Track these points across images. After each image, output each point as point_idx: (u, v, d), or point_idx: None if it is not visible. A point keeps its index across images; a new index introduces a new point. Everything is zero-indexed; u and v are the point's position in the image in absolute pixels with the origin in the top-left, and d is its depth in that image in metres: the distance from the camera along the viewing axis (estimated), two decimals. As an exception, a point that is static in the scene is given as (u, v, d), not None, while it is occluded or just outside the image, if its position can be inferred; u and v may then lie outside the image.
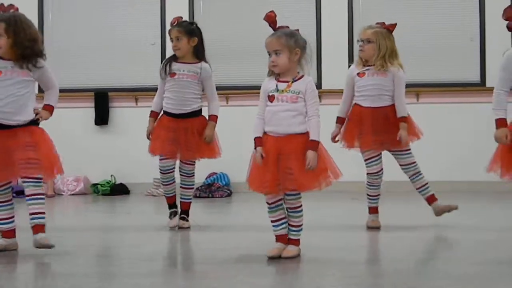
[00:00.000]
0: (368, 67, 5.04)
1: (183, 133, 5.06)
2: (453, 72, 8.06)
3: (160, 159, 5.14)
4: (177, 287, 3.40)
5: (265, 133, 3.91)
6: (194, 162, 5.20)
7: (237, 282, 3.41)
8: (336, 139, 5.14)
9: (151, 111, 5.20)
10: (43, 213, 4.05)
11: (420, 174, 5.13)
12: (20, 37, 4.08)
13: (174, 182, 5.22)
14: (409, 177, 5.14)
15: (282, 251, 3.94)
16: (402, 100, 5.03)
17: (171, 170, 5.16)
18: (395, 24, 5.08)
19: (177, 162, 5.21)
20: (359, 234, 4.96)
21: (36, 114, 4.13)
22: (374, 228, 5.07)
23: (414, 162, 5.10)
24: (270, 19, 3.94)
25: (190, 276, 3.68)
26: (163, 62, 5.21)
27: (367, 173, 5.10)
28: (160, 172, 5.17)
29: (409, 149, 5.08)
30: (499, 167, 3.95)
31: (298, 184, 3.81)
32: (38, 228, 4.01)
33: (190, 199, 5.28)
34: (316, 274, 3.57)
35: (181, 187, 5.23)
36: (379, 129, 5.01)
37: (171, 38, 5.12)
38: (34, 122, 4.14)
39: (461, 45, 8.06)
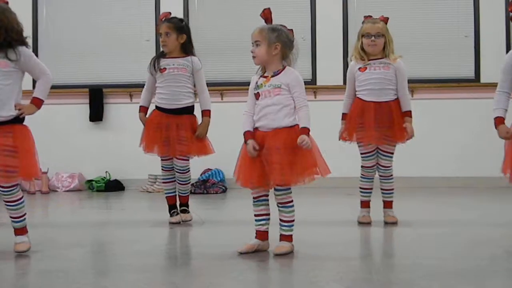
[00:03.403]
0: (369, 62, 5.05)
1: (175, 129, 5.09)
2: (448, 68, 8.08)
3: (162, 159, 5.24)
4: (172, 283, 3.40)
5: (256, 128, 3.94)
6: (187, 158, 5.21)
7: (232, 278, 3.41)
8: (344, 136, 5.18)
9: (141, 106, 5.24)
10: (19, 217, 4.02)
11: (393, 178, 5.16)
12: (2, 25, 3.89)
13: (175, 181, 5.29)
14: (382, 177, 5.16)
15: (255, 247, 3.95)
16: (406, 93, 5.06)
17: (169, 169, 5.26)
18: (387, 17, 5.14)
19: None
20: (354, 229, 4.97)
21: (19, 110, 3.93)
22: (364, 223, 5.08)
23: (391, 166, 5.12)
24: (266, 15, 3.99)
25: (185, 272, 3.68)
26: (151, 59, 5.23)
27: (361, 166, 5.14)
28: (163, 170, 5.28)
29: (393, 153, 5.11)
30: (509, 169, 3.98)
31: (283, 178, 3.82)
32: (16, 232, 4.04)
33: (187, 193, 5.37)
34: (311, 269, 3.58)
35: (177, 182, 5.31)
36: (381, 124, 5.01)
37: (160, 33, 5.14)
38: (18, 119, 3.96)
39: (456, 41, 8.08)
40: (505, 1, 7.92)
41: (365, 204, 5.18)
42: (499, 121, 4.06)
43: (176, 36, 5.10)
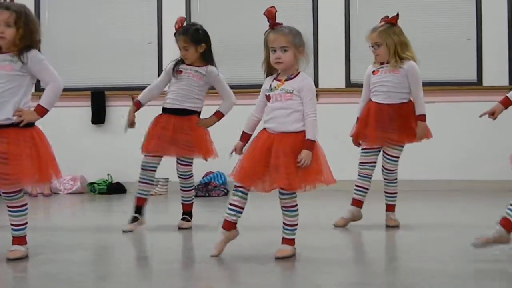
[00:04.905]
0: (382, 65, 5.05)
1: (172, 129, 5.03)
2: (450, 71, 8.07)
3: (144, 155, 5.12)
4: (173, 287, 3.40)
5: (264, 128, 3.93)
6: (189, 163, 5.14)
7: (233, 282, 3.41)
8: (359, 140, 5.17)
9: (136, 100, 5.14)
10: (19, 225, 3.93)
11: (397, 182, 5.14)
12: (29, 29, 3.81)
13: (152, 184, 5.19)
14: (386, 181, 5.14)
15: (224, 245, 3.93)
16: (420, 97, 5.03)
17: (150, 169, 5.11)
18: (397, 15, 5.11)
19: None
20: (357, 232, 4.96)
21: (19, 116, 3.77)
22: (340, 226, 5.08)
23: (396, 170, 5.11)
24: (271, 14, 3.90)
25: (187, 276, 3.67)
26: (174, 63, 5.12)
27: (359, 163, 5.12)
28: (141, 168, 5.12)
29: (398, 157, 5.09)
30: None
31: (288, 182, 3.79)
32: (14, 241, 3.95)
33: (191, 200, 5.26)
34: (312, 273, 3.57)
35: (180, 189, 5.24)
36: (382, 125, 5.00)
37: (179, 47, 5.06)
38: (28, 124, 3.82)
39: (458, 44, 8.06)
40: (507, 4, 7.92)
41: (356, 202, 5.15)
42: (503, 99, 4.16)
43: (195, 48, 5.04)
